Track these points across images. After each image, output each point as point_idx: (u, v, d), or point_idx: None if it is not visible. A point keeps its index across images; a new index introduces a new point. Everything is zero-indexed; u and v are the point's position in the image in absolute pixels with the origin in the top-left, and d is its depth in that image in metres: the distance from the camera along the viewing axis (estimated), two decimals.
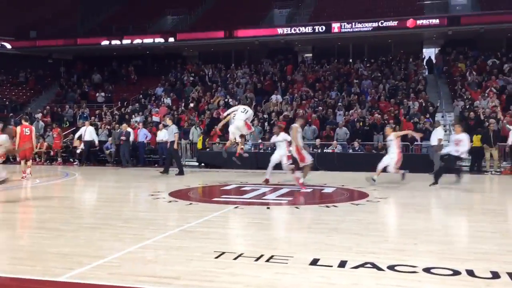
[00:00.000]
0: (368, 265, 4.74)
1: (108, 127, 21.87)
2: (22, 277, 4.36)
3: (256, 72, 27.54)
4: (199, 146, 19.50)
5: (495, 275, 4.41)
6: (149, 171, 16.87)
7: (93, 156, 19.81)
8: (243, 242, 5.77)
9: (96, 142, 19.34)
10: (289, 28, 27.61)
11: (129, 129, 19.04)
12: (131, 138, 18.89)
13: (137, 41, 29.95)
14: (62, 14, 32.60)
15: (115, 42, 30.27)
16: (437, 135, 15.03)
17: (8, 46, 31.60)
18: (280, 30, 27.71)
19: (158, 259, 4.96)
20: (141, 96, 27.20)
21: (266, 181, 12.40)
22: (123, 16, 33.46)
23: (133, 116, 23.20)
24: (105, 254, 5.13)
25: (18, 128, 14.13)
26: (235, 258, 5.00)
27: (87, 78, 31.44)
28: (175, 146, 15.55)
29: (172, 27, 32.40)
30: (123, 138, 18.34)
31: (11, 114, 26.55)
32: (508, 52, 25.00)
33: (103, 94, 28.56)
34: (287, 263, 4.84)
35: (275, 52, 29.47)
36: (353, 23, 25.89)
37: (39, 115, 24.61)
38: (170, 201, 9.31)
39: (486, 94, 20.32)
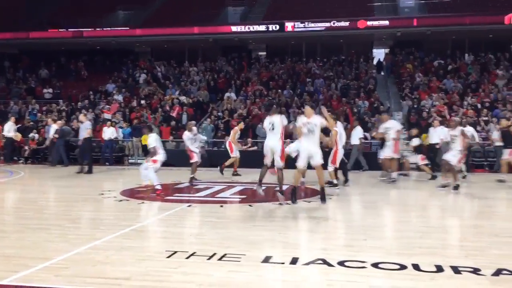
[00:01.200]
0: (319, 261, 4.82)
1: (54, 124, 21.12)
2: None
3: (210, 69, 27.40)
4: (145, 142, 18.92)
5: (439, 269, 4.60)
6: (99, 169, 16.43)
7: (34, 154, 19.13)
8: (195, 241, 5.74)
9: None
10: (243, 26, 27.61)
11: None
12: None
13: (87, 35, 29.09)
14: (7, 6, 31.20)
15: (64, 36, 29.28)
16: (357, 134, 15.42)
17: None
18: (234, 28, 27.66)
19: (108, 260, 4.86)
20: (91, 92, 26.45)
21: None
22: (72, 10, 32.40)
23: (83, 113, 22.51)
24: (52, 255, 4.98)
25: None
26: (187, 257, 4.97)
27: (33, 73, 30.27)
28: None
29: (124, 22, 31.70)
30: (56, 135, 17.64)
31: None
32: (453, 54, 26.04)
33: (50, 90, 27.57)
34: (239, 261, 4.86)
35: (229, 50, 29.42)
36: (306, 23, 26.20)
37: None
38: (121, 200, 9.13)
39: (432, 94, 21.13)
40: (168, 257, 4.98)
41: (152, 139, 10.38)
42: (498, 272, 4.50)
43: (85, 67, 30.20)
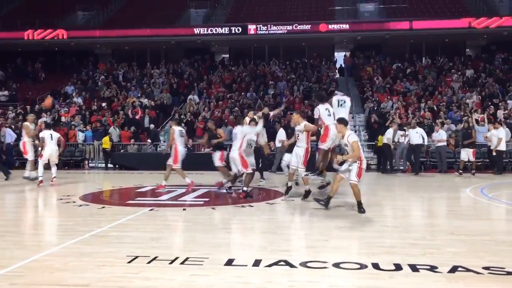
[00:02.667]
0: (282, 263, 4.85)
1: (10, 126, 20.45)
2: None
3: (173, 72, 27.17)
4: (106, 146, 18.59)
5: (398, 267, 4.71)
6: (59, 174, 15.99)
7: None
8: (157, 245, 5.67)
9: None
10: (205, 29, 27.53)
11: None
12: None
13: (46, 36, 28.29)
14: None
15: (19, 36, 28.39)
16: (280, 136, 15.30)
17: None
18: (196, 30, 27.54)
19: (67, 267, 4.74)
20: (49, 95, 25.72)
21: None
22: (29, 10, 31.50)
23: (42, 116, 21.87)
24: (7, 263, 4.82)
25: None
26: (148, 262, 4.90)
27: None
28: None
29: (84, 23, 31.06)
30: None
31: None
32: (411, 57, 26.77)
33: (6, 92, 26.69)
34: (202, 264, 4.83)
35: (192, 52, 29.27)
36: (269, 26, 26.37)
37: None
38: (80, 205, 8.92)
39: (389, 97, 21.68)
40: (129, 262, 4.90)
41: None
42: (454, 269, 4.64)
43: (43, 69, 29.40)
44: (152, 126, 20.40)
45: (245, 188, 9.77)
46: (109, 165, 18.58)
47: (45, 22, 28.83)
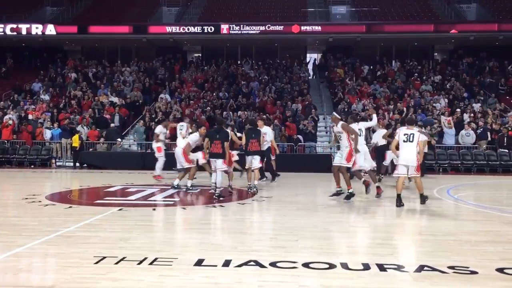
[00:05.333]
0: (252, 263, 4.85)
1: None
2: None
3: (144, 70, 26.84)
4: (77, 144, 18.24)
5: (366, 267, 4.77)
6: (25, 172, 15.64)
7: None
8: (125, 246, 5.58)
9: None
10: (177, 27, 27.28)
11: None
12: None
13: (10, 30, 27.44)
14: None
15: None
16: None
17: None
18: (168, 29, 27.26)
19: (31, 267, 4.63)
20: (11, 91, 25.07)
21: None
22: None
23: (7, 113, 21.30)
24: None
25: None
26: (116, 263, 4.83)
27: None
28: None
29: (52, 19, 30.33)
30: None
31: None
32: (381, 60, 27.19)
33: None
34: (171, 265, 4.79)
35: (163, 51, 28.96)
36: (241, 25, 26.33)
37: None
38: (46, 205, 8.72)
39: (359, 99, 21.98)
40: (96, 263, 4.82)
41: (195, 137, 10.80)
42: (420, 269, 4.73)
43: (7, 65, 28.61)
44: (112, 125, 20.00)
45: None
46: (77, 164, 18.22)
47: (12, 16, 28.06)
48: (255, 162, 10.90)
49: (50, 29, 27.56)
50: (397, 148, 8.99)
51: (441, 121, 18.58)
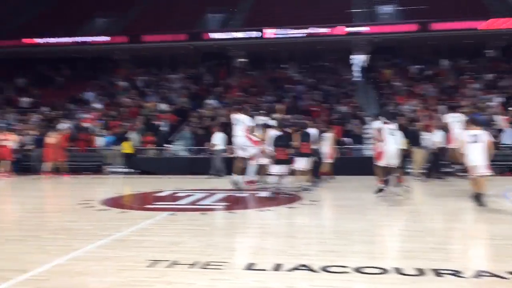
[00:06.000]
0: (302, 267, 4.81)
1: (33, 133, 20.78)
2: None
3: (190, 76, 27.33)
4: (129, 151, 18.80)
5: (421, 272, 4.63)
6: (79, 179, 16.22)
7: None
8: (177, 249, 5.68)
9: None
10: (222, 33, 27.65)
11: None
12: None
13: (66, 43, 28.72)
14: None
15: (40, 43, 28.91)
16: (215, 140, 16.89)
17: None
18: (213, 35, 27.67)
19: (88, 271, 4.77)
20: (69, 101, 26.15)
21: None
22: (49, 18, 32.01)
23: (63, 121, 22.22)
24: (31, 267, 4.87)
25: None
26: (169, 266, 4.91)
27: (10, 82, 29.78)
28: None
29: (103, 30, 31.43)
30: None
31: None
32: (430, 59, 26.46)
33: (27, 99, 27.14)
34: (222, 268, 4.82)
35: (209, 57, 29.40)
36: (286, 29, 26.36)
37: None
38: (100, 210, 9.00)
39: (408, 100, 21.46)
40: (149, 266, 4.92)
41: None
42: (478, 274, 4.55)
43: (63, 75, 29.88)
44: (161, 131, 20.51)
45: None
46: (129, 170, 18.75)
47: (65, 29, 29.30)
48: (303, 164, 10.93)
49: (100, 40, 28.68)
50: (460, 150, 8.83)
51: (497, 120, 17.84)
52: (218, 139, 17.06)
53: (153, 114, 22.33)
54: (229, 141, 16.75)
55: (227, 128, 20.12)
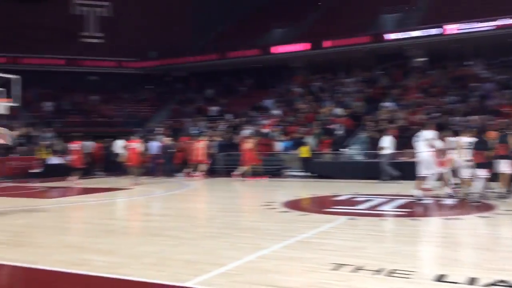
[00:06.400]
0: (502, 284, 4.36)
1: (221, 139, 22.73)
2: (151, 282, 4.66)
3: (365, 80, 26.97)
4: (306, 155, 19.32)
5: None
6: (261, 181, 17.18)
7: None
8: (360, 255, 5.62)
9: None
10: (399, 33, 26.71)
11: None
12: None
13: (245, 55, 30.95)
14: (177, 35, 34.73)
15: (225, 57, 31.65)
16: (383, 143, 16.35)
17: (132, 66, 34.48)
18: (389, 36, 26.91)
19: (277, 269, 5.01)
20: (251, 108, 28.02)
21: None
22: (233, 33, 34.79)
23: (245, 128, 23.93)
24: (226, 262, 5.31)
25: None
26: (353, 271, 4.89)
27: (200, 93, 33.18)
28: None
29: (280, 39, 32.97)
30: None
31: (135, 129, 28.78)
32: None
33: (215, 108, 29.83)
34: (410, 278, 4.63)
35: (385, 58, 28.64)
36: (472, 23, 24.30)
37: (160, 130, 26.35)
38: (282, 211, 9.39)
39: None
40: (334, 269, 4.96)
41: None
42: None
43: (246, 85, 32.13)
44: (337, 135, 20.56)
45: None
46: (306, 173, 19.25)
47: (247, 41, 31.53)
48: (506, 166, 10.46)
49: (278, 50, 30.19)
50: None
51: None
52: (386, 142, 16.47)
53: (328, 119, 22.58)
54: (404, 146, 16.15)
55: (404, 132, 19.42)
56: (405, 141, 18.78)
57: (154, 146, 20.62)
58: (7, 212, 9.41)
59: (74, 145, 17.41)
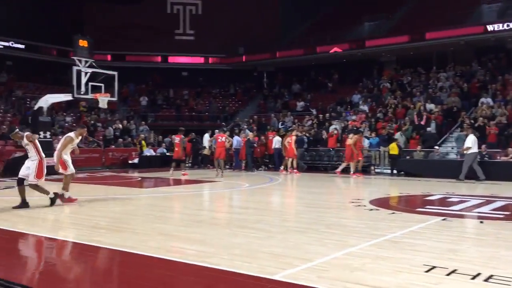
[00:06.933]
0: None
1: (307, 134, 22.65)
2: (240, 272, 4.76)
3: (461, 74, 25.51)
4: (395, 152, 18.69)
5: None
6: (347, 178, 16.92)
7: None
8: (455, 258, 5.35)
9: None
10: (500, 24, 24.93)
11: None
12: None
13: (334, 49, 30.51)
14: (265, 30, 35.06)
15: (313, 52, 31.43)
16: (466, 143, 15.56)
17: (221, 62, 35.40)
18: (489, 27, 25.20)
19: (365, 268, 4.92)
20: (336, 104, 27.62)
21: None
22: (320, 27, 34.45)
23: (332, 123, 23.65)
24: (312, 257, 5.30)
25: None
26: (447, 274, 4.67)
27: (287, 88, 33.27)
28: None
29: (369, 33, 32.14)
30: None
31: (223, 123, 29.58)
32: None
33: (302, 103, 29.76)
34: (510, 285, 4.33)
35: (483, 52, 26.89)
36: None
37: (245, 125, 26.83)
38: (371, 209, 9.19)
39: None
40: (427, 271, 4.77)
41: None
42: None
43: (333, 80, 31.72)
44: (429, 131, 19.65)
45: None
46: (395, 171, 18.66)
47: (334, 36, 31.08)
48: None
49: (367, 44, 29.46)
50: None
51: None
52: (470, 142, 15.53)
53: (420, 115, 21.66)
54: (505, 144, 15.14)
55: (504, 129, 18.16)
56: (505, 140, 17.64)
57: (237, 140, 21.06)
58: (107, 200, 10.08)
59: (176, 138, 18.36)
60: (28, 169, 8.97)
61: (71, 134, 9.87)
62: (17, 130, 10.09)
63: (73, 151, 9.89)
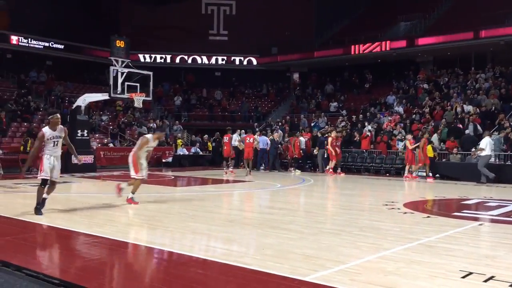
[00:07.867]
0: None
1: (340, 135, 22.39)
2: (271, 273, 4.75)
3: (501, 75, 24.77)
4: (430, 155, 18.28)
5: None
6: (381, 180, 16.68)
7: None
8: (492, 264, 5.20)
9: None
10: None
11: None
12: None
13: (370, 49, 30.09)
14: (299, 30, 34.93)
15: (347, 52, 31.07)
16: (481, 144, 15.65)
17: (254, 62, 35.46)
18: None
19: (399, 272, 4.83)
20: (368, 105, 27.25)
21: None
22: (354, 27, 34.10)
23: (365, 125, 23.36)
24: (345, 260, 5.25)
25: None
26: (485, 281, 4.55)
27: (320, 88, 33.05)
28: None
29: (405, 33, 31.58)
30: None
31: (255, 123, 29.63)
32: None
33: (335, 104, 29.50)
34: None
35: None
36: None
37: (278, 125, 26.78)
38: (405, 213, 9.03)
39: None
40: (463, 277, 4.65)
41: None
42: None
43: (367, 80, 31.31)
44: (467, 133, 19.15)
45: None
46: (429, 174, 18.26)
47: (370, 36, 30.65)
48: None
49: (402, 44, 28.90)
50: None
51: None
52: (484, 144, 15.44)
53: (457, 117, 21.15)
54: None
55: None
56: None
57: (264, 141, 21.04)
58: (141, 198, 10.24)
59: (225, 138, 18.98)
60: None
61: (148, 135, 9.83)
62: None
63: (148, 154, 9.74)
